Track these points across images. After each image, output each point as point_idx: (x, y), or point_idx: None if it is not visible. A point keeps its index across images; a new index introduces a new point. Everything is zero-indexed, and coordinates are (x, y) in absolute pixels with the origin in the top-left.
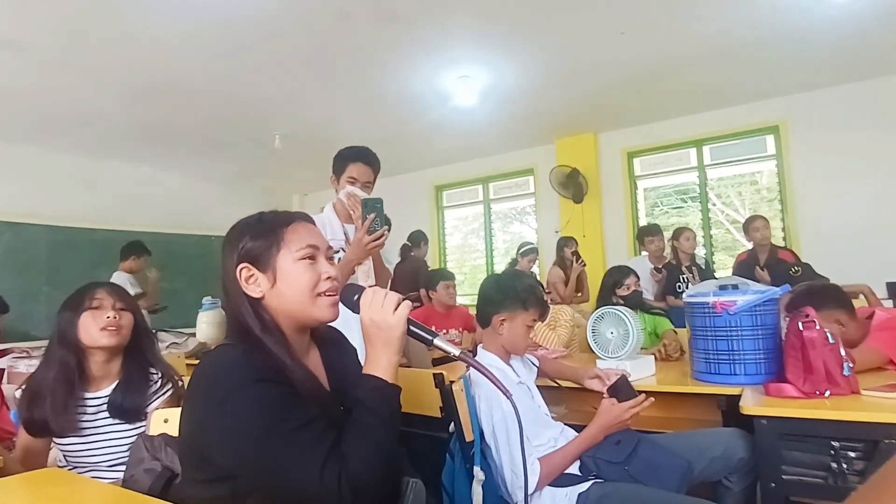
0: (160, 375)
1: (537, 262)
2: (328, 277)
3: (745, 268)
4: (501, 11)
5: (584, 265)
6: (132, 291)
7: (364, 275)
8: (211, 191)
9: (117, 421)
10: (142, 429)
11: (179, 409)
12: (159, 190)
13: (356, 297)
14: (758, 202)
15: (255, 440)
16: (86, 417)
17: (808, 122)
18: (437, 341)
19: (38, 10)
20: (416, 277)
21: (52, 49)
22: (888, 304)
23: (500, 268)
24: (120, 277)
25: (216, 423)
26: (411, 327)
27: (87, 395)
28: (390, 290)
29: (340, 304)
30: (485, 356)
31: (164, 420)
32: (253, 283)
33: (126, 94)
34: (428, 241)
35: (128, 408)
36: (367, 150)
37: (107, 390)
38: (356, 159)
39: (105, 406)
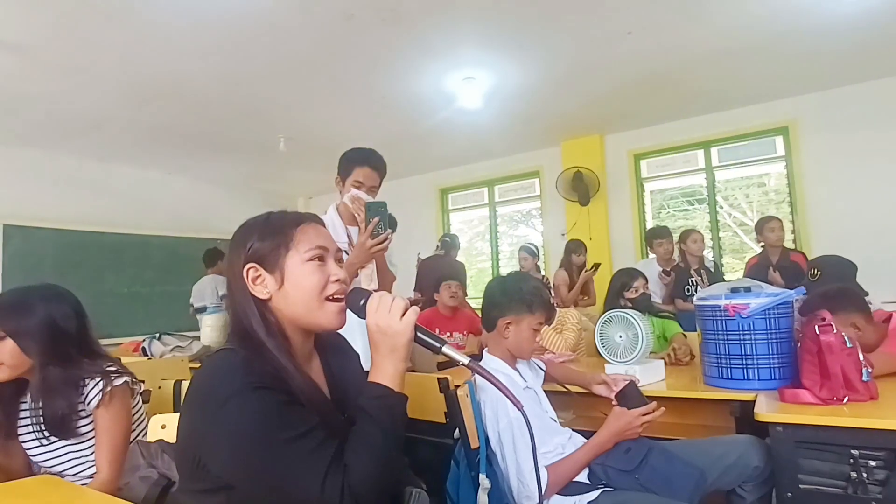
0: (96, 380)
1: (538, 263)
2: (337, 280)
3: (759, 270)
4: (506, 13)
5: (594, 273)
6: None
7: (367, 278)
8: (216, 194)
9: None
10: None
11: (177, 414)
12: (165, 194)
13: (362, 301)
14: (765, 204)
15: (252, 449)
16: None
17: (819, 122)
18: (445, 349)
19: (45, 14)
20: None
21: (59, 53)
22: None
23: (505, 271)
24: (213, 280)
25: (213, 432)
26: (419, 334)
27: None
28: (421, 282)
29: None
30: (490, 361)
31: (162, 426)
32: (260, 283)
33: (133, 98)
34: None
35: (53, 422)
36: (374, 154)
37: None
38: (363, 163)
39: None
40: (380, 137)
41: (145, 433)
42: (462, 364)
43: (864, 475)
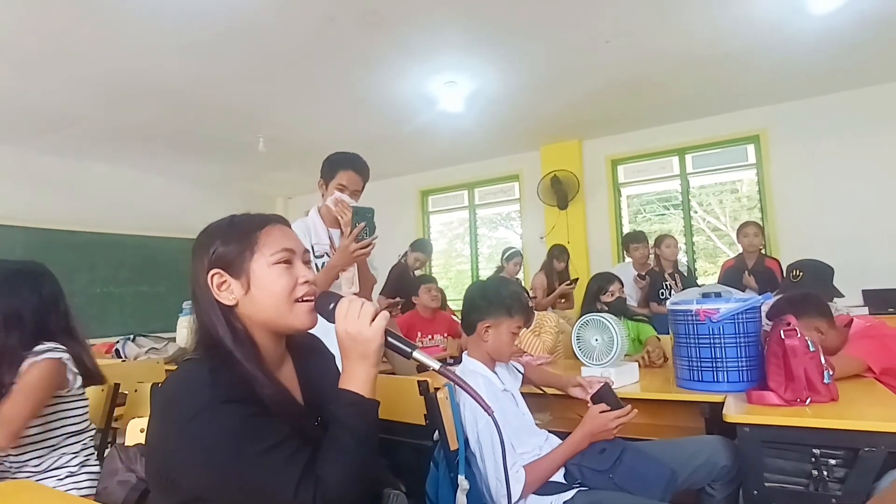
0: (30, 357)
1: (522, 266)
2: (305, 282)
3: (734, 273)
4: (488, 18)
5: (573, 287)
6: None
7: (347, 282)
8: (193, 193)
9: None
10: None
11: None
12: (140, 192)
13: (331, 305)
14: (738, 210)
15: (222, 464)
16: None
17: (788, 131)
18: (416, 354)
19: (18, 8)
20: (399, 281)
21: (32, 48)
22: (863, 311)
23: (485, 273)
24: None
25: (181, 447)
26: (389, 339)
27: None
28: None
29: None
30: (470, 363)
31: (140, 430)
32: (225, 289)
33: (108, 96)
34: (424, 251)
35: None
36: (359, 158)
37: None
38: (347, 167)
39: None
40: (361, 139)
41: (90, 430)
42: (433, 369)
43: (825, 473)
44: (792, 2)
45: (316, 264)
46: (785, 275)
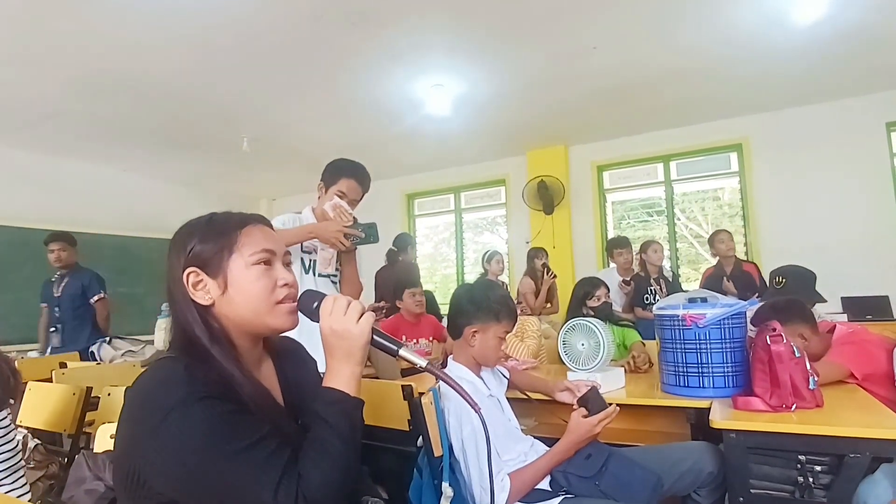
0: None
1: (506, 268)
2: (285, 284)
3: (714, 280)
4: (476, 22)
5: (555, 277)
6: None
7: (325, 262)
8: (173, 192)
9: None
10: None
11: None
12: (119, 190)
13: (315, 304)
14: (720, 217)
15: (198, 463)
16: None
17: (770, 140)
18: (402, 352)
19: None
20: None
21: (7, 40)
22: (842, 318)
23: (470, 277)
24: None
25: (154, 446)
26: (375, 337)
27: None
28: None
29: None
30: (455, 368)
31: (111, 436)
32: (201, 289)
33: (86, 90)
34: (414, 245)
35: None
36: (363, 169)
37: None
38: (350, 175)
39: None
40: (347, 140)
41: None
42: (420, 367)
43: (811, 479)
44: (774, 14)
45: (302, 259)
46: (768, 282)
